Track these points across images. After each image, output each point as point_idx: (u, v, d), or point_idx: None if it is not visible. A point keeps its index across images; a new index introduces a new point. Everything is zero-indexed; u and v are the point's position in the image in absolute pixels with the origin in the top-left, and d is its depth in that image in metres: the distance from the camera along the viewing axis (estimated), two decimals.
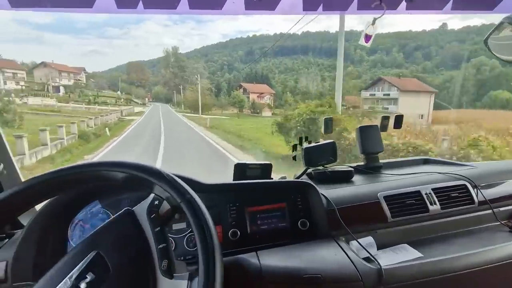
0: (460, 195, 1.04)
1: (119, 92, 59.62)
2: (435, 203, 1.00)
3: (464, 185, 1.06)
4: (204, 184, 0.92)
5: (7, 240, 0.82)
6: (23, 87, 39.11)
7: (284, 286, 0.75)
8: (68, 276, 0.46)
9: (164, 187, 0.53)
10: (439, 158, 1.41)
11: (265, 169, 1.13)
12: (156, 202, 0.58)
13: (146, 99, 62.99)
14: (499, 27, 1.38)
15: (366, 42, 1.16)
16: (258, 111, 40.74)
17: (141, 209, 0.58)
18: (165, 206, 0.58)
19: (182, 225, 0.92)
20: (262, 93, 48.42)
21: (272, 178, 1.12)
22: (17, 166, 0.92)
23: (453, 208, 1.02)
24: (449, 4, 1.26)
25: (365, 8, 1.22)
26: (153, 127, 16.21)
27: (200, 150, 10.94)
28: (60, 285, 0.45)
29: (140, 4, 1.04)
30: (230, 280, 0.76)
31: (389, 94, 31.50)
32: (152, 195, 0.59)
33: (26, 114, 14.73)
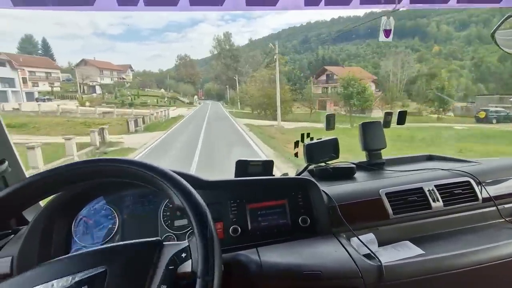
0: (464, 191, 1.03)
1: (162, 90, 52.13)
2: (438, 200, 0.99)
3: (468, 181, 1.05)
4: (205, 180, 0.92)
5: (12, 236, 0.84)
6: (53, 88, 34.70)
7: (284, 282, 0.75)
8: (72, 276, 0.46)
9: (199, 244, 0.49)
10: (443, 155, 1.40)
11: (267, 166, 1.13)
12: (184, 255, 0.52)
13: (195, 97, 53.78)
14: (505, 20, 1.35)
15: (387, 37, 1.14)
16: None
17: (169, 250, 0.53)
18: (186, 266, 0.51)
19: (184, 222, 0.93)
20: (360, 80, 24.89)
21: (274, 175, 1.12)
22: (21, 163, 0.93)
23: (456, 205, 1.01)
24: None
25: (368, 2, 1.21)
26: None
27: None
28: (62, 279, 0.46)
29: (141, 2, 1.04)
30: (230, 275, 0.77)
31: None
32: (186, 243, 0.54)
33: None
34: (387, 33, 1.14)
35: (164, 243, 0.54)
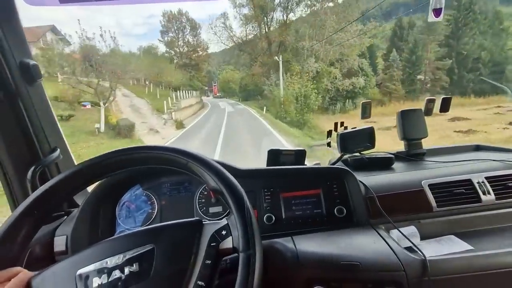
0: None
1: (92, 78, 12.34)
2: (488, 193, 0.91)
3: None
4: (239, 169, 0.93)
5: (65, 217, 0.92)
6: None
7: (321, 272, 0.74)
8: (124, 253, 0.49)
9: (238, 220, 0.51)
10: (493, 145, 1.28)
11: (299, 155, 1.11)
12: (224, 232, 0.53)
13: (179, 92, 22.40)
14: None
15: (437, 17, 1.03)
16: None
17: (209, 228, 0.54)
18: (227, 243, 0.52)
19: (218, 209, 0.95)
20: None
21: (306, 165, 1.10)
22: (70, 151, 1.00)
23: (510, 199, 0.92)
24: None
25: None
26: None
27: None
28: (114, 257, 0.49)
29: None
30: (267, 262, 0.77)
31: None
32: (225, 221, 0.55)
33: None
34: (437, 12, 1.02)
35: (203, 222, 0.56)
